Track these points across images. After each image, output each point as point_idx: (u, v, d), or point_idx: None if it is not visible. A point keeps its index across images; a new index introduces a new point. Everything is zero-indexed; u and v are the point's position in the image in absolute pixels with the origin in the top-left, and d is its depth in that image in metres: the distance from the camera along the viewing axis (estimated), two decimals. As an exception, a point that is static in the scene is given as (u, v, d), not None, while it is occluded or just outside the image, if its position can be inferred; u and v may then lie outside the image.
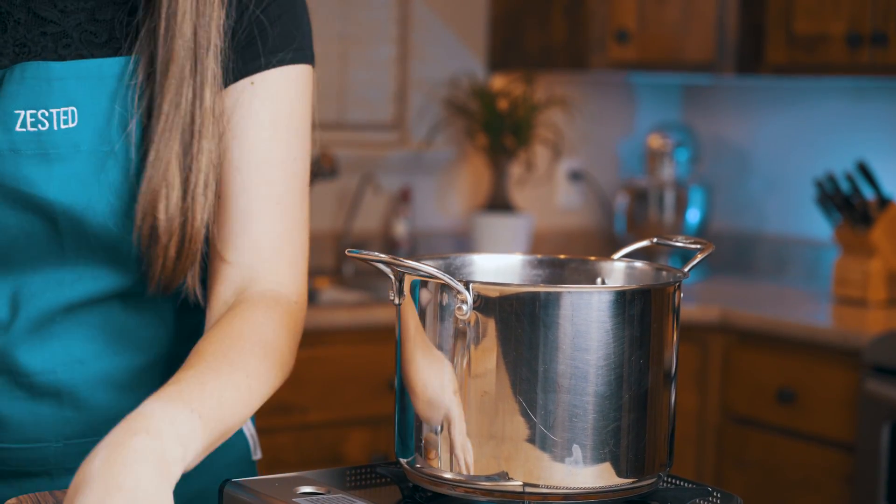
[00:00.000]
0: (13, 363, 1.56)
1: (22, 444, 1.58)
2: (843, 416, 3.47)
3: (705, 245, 1.51)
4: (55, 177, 1.50)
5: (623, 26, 4.20)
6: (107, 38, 1.53)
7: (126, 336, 1.60)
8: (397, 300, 1.42)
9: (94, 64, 1.51)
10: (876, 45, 3.72)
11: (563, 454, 1.35)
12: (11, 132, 1.48)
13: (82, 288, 1.55)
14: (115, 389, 1.60)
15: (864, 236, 3.92)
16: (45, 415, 1.58)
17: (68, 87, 1.50)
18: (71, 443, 1.60)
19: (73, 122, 1.49)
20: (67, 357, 1.57)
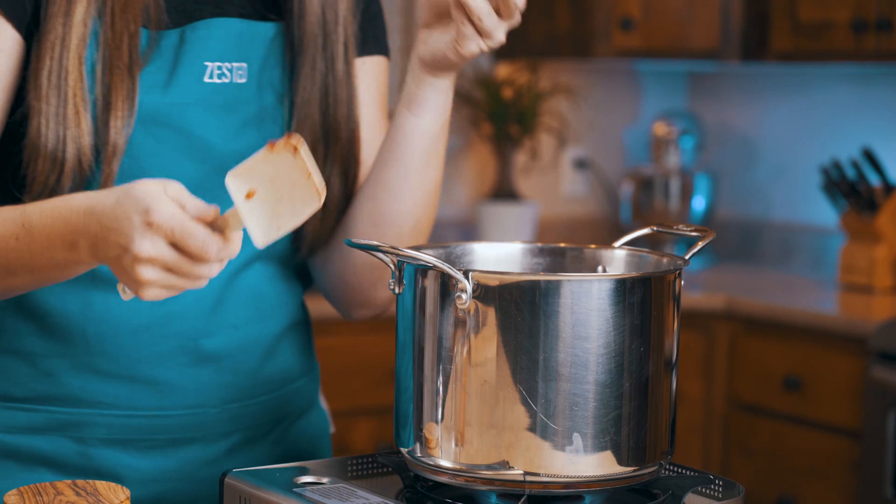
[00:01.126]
0: (179, 328, 1.61)
1: (184, 410, 1.63)
2: (850, 403, 3.46)
3: (706, 232, 1.51)
4: (231, 127, 1.59)
5: (628, 14, 4.19)
6: (251, 9, 1.64)
7: (268, 302, 1.68)
8: (398, 289, 1.42)
9: (261, 27, 1.62)
10: (881, 31, 3.71)
11: (564, 443, 1.35)
12: (201, 83, 1.58)
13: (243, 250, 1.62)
14: (261, 355, 1.68)
15: (870, 223, 3.91)
16: (206, 380, 1.64)
17: (243, 45, 1.60)
18: (227, 407, 1.66)
19: (244, 78, 1.61)
20: (226, 322, 1.64)
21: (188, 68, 1.57)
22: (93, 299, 1.59)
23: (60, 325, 1.59)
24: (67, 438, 1.61)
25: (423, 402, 1.39)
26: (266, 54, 1.63)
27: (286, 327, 1.72)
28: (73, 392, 1.60)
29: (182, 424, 1.64)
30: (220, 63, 1.59)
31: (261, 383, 1.68)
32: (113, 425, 1.61)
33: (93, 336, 1.59)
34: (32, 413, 1.61)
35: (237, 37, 1.60)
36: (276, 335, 1.70)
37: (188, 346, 1.62)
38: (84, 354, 1.60)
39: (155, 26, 1.57)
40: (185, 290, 1.35)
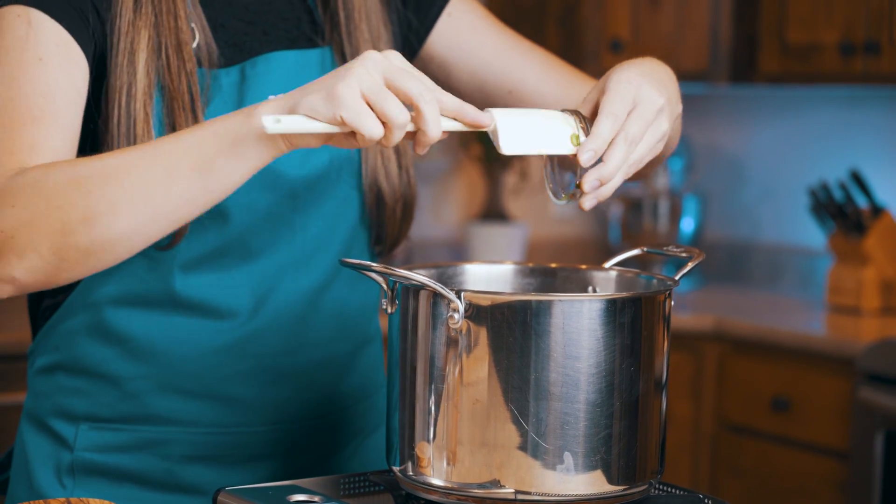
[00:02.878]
0: (260, 348, 1.64)
1: (265, 426, 1.66)
2: (837, 424, 3.47)
3: (695, 253, 1.52)
4: (299, 154, 1.61)
5: (617, 36, 4.21)
6: (297, 32, 1.67)
7: (349, 319, 1.71)
8: (390, 309, 1.43)
9: (310, 54, 1.65)
10: (869, 53, 3.73)
11: (555, 461, 1.35)
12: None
13: (313, 269, 1.65)
14: (340, 371, 1.71)
15: (858, 245, 3.93)
16: (286, 397, 1.66)
17: (300, 74, 1.63)
18: (305, 423, 1.69)
19: None
20: (306, 341, 1.66)
21: (253, 102, 1.58)
22: (177, 322, 1.62)
23: (144, 348, 1.62)
24: (153, 456, 1.65)
25: (415, 420, 1.40)
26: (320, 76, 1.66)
27: (362, 343, 1.75)
28: (157, 412, 1.64)
29: (262, 440, 1.67)
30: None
31: (337, 399, 1.72)
32: (196, 442, 1.65)
33: (176, 357, 1.62)
34: (119, 433, 1.64)
35: (294, 67, 1.63)
36: (352, 352, 1.73)
37: (268, 365, 1.65)
38: (168, 375, 1.63)
39: (209, 65, 1.60)
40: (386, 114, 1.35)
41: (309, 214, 1.64)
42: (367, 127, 1.34)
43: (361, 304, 1.74)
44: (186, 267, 1.60)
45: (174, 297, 1.61)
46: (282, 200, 1.63)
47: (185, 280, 1.60)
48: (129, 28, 1.55)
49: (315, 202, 1.65)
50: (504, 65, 1.79)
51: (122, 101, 1.54)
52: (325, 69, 1.66)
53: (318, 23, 1.69)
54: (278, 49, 1.65)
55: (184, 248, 1.59)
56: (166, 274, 1.60)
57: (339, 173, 1.66)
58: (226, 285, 1.62)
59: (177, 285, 1.60)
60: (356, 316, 1.73)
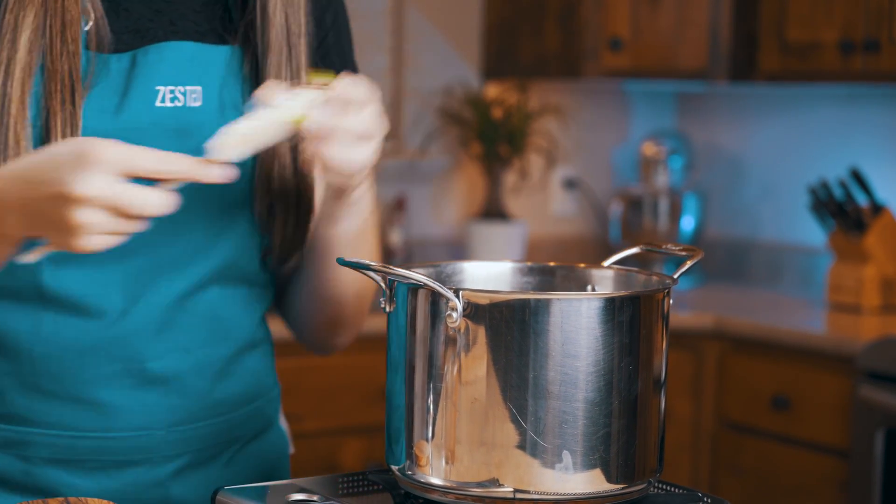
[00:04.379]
0: (127, 350, 1.60)
1: (129, 432, 1.61)
2: (838, 422, 3.47)
3: (694, 251, 1.52)
4: (188, 151, 1.55)
5: (616, 34, 4.21)
6: (207, 27, 1.63)
7: (224, 324, 1.66)
8: (388, 308, 1.43)
9: (214, 49, 1.61)
10: (868, 52, 3.73)
11: (554, 460, 1.35)
12: (152, 108, 1.57)
13: (192, 271, 1.61)
14: (213, 377, 1.66)
15: (858, 243, 3.93)
16: (153, 402, 1.62)
17: (197, 68, 1.59)
18: (174, 430, 1.64)
19: (199, 101, 1.59)
20: (175, 345, 1.62)
21: (139, 92, 1.56)
22: (42, 319, 1.58)
23: (9, 344, 1.59)
24: (11, 456, 1.61)
25: (414, 419, 1.40)
26: (225, 76, 1.62)
27: (242, 349, 1.69)
28: (18, 411, 1.59)
29: (127, 447, 1.62)
30: (173, 87, 1.58)
31: (212, 406, 1.66)
32: (57, 445, 1.60)
33: (39, 356, 1.58)
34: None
35: (190, 60, 1.59)
36: (229, 357, 1.67)
37: (134, 369, 1.60)
38: (30, 374, 1.59)
39: (100, 49, 1.56)
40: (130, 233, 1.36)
41: (193, 218, 1.59)
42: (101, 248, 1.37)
43: (241, 308, 1.68)
44: (57, 260, 1.55)
45: (42, 291, 1.56)
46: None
47: (54, 274, 1.56)
48: (16, 4, 1.52)
49: (201, 206, 1.60)
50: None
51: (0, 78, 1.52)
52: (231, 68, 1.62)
53: (233, 20, 1.65)
54: (179, 39, 1.60)
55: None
56: (35, 267, 1.55)
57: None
58: (96, 283, 1.57)
59: (45, 279, 1.56)
60: (233, 320, 1.67)
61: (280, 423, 1.81)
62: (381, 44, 4.37)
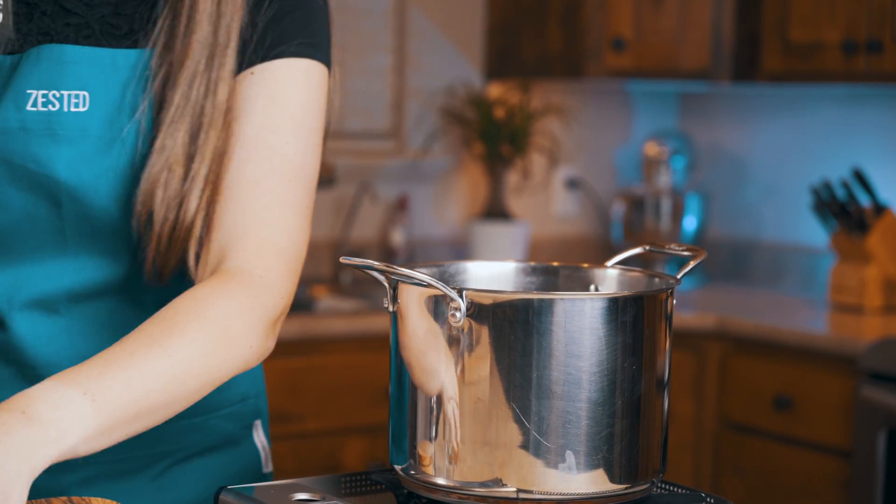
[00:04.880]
0: (20, 355, 1.58)
1: None
2: (840, 422, 3.47)
3: (697, 252, 1.52)
4: (62, 157, 1.53)
5: (619, 34, 4.21)
6: (127, 30, 1.58)
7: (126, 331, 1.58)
8: (391, 308, 1.43)
9: (108, 53, 1.55)
10: (871, 52, 3.73)
11: (557, 460, 1.35)
12: (22, 111, 1.53)
13: (83, 278, 1.57)
14: None
15: (861, 243, 3.93)
16: None
17: (81, 72, 1.54)
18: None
19: (84, 106, 1.53)
20: (73, 351, 1.58)
21: (12, 95, 1.53)
22: None
23: None
24: None
25: (417, 419, 1.40)
26: (127, 80, 1.56)
27: None
28: None
29: None
30: (48, 91, 1.53)
31: None
32: None
33: None
34: None
35: (73, 63, 1.54)
36: None
37: (29, 374, 1.58)
38: None
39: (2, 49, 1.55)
40: None
41: (80, 225, 1.55)
42: None
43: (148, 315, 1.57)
44: None
45: None
46: (41, 203, 1.54)
47: None
48: None
49: (86, 213, 1.55)
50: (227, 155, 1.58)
51: None
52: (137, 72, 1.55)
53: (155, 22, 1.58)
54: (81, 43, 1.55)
55: None
56: None
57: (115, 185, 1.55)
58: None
59: None
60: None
61: (255, 440, 1.74)
62: (384, 43, 4.37)
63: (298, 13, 1.62)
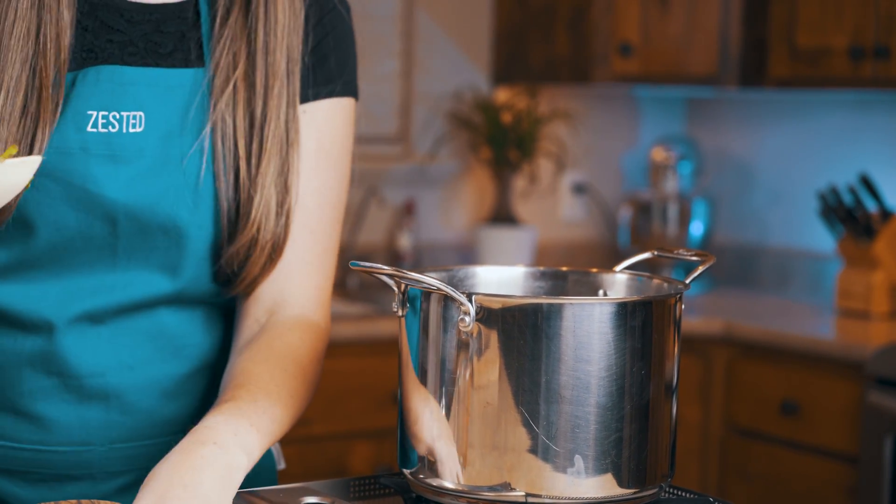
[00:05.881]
0: (64, 365, 1.59)
1: (68, 447, 1.60)
2: (847, 428, 3.47)
3: (706, 257, 1.52)
4: (121, 177, 1.54)
5: (626, 40, 4.21)
6: (171, 48, 1.59)
7: (174, 343, 1.63)
8: (401, 312, 1.43)
9: (163, 73, 1.57)
10: (878, 58, 3.73)
11: (566, 464, 1.36)
12: (83, 132, 1.53)
13: (133, 293, 1.59)
14: (161, 395, 1.64)
15: (867, 249, 3.93)
16: (93, 418, 1.60)
17: (139, 93, 1.55)
18: (115, 447, 1.62)
19: (140, 126, 1.55)
20: (117, 362, 1.60)
21: (71, 116, 1.53)
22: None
23: None
24: None
25: (427, 423, 1.40)
26: (188, 99, 1.57)
27: (199, 368, 1.66)
28: None
29: (66, 461, 1.61)
30: (107, 112, 1.54)
31: (160, 424, 1.64)
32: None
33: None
34: None
35: (131, 84, 1.55)
36: (183, 376, 1.65)
37: (72, 385, 1.59)
38: None
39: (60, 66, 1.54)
40: None
41: (133, 242, 1.56)
42: None
43: (199, 328, 1.65)
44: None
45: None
46: (96, 223, 1.55)
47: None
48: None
49: (141, 231, 1.56)
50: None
51: None
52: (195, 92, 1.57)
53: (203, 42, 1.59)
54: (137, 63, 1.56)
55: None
56: None
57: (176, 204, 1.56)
58: (31, 298, 1.56)
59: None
60: (188, 339, 1.64)
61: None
62: (391, 48, 4.38)
63: (340, 48, 1.67)
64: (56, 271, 1.56)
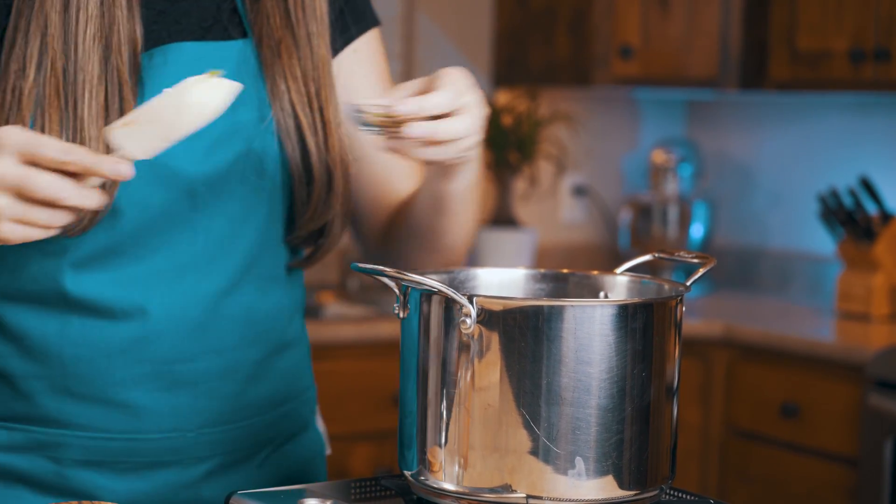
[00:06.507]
0: (156, 352, 1.60)
1: (159, 434, 1.62)
2: (847, 430, 3.47)
3: (707, 259, 1.53)
4: (197, 150, 1.57)
5: (627, 42, 4.21)
6: (212, 22, 1.63)
7: (254, 328, 1.66)
8: (401, 314, 1.43)
9: (216, 46, 1.61)
10: (879, 60, 3.73)
11: (567, 466, 1.36)
12: None
13: (214, 271, 1.61)
14: (244, 379, 1.66)
15: (867, 251, 3.93)
16: (183, 404, 1.62)
17: (202, 67, 1.56)
18: (204, 431, 1.64)
19: None
20: (207, 348, 1.62)
21: (148, 96, 1.55)
22: (70, 322, 1.58)
23: (38, 347, 1.59)
24: (44, 458, 1.61)
25: (427, 425, 1.40)
26: (235, 72, 1.61)
27: (274, 351, 1.70)
28: (49, 413, 1.60)
29: (157, 448, 1.62)
30: None
31: (243, 408, 1.67)
32: (88, 447, 1.61)
33: (69, 358, 1.59)
34: (12, 432, 1.62)
35: (196, 60, 1.59)
36: (262, 360, 1.68)
37: (164, 371, 1.61)
38: (60, 377, 1.59)
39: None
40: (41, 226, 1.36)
41: (211, 214, 1.60)
42: (44, 235, 1.36)
43: (274, 308, 1.69)
44: (77, 265, 1.57)
45: (66, 296, 1.57)
46: (178, 198, 1.58)
47: (77, 278, 1.57)
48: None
49: (217, 202, 1.60)
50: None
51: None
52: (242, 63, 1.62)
53: (241, 13, 1.64)
54: (184, 40, 1.60)
55: (74, 246, 1.56)
56: (56, 272, 1.57)
57: (246, 172, 1.61)
58: (119, 285, 1.58)
59: (68, 284, 1.57)
60: (267, 321, 1.68)
61: (317, 424, 1.82)
62: (392, 50, 4.38)
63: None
64: (140, 254, 1.58)
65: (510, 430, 1.35)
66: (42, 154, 1.35)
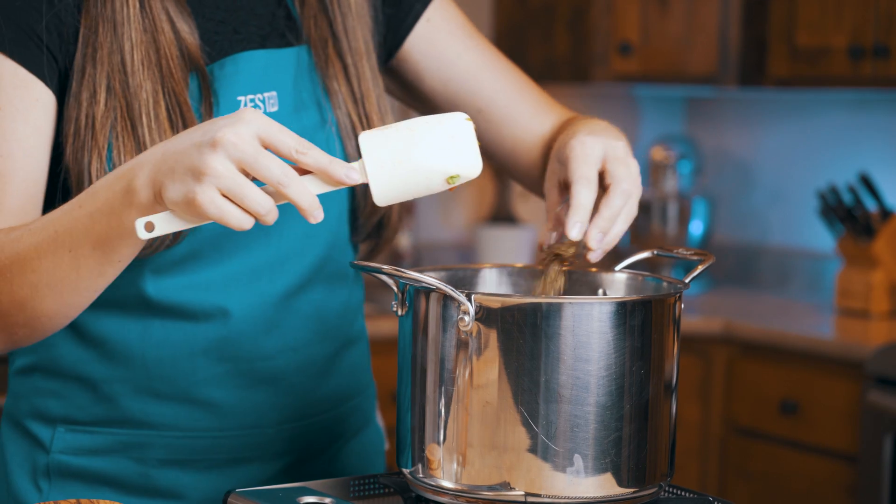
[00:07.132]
0: (237, 351, 1.63)
1: (240, 430, 1.65)
2: (846, 427, 3.47)
3: (706, 256, 1.53)
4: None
5: (626, 39, 4.21)
6: (269, 30, 1.64)
7: (328, 323, 1.70)
8: (400, 311, 1.43)
9: (276, 53, 1.63)
10: (878, 57, 3.73)
11: (565, 464, 1.36)
12: None
13: (289, 270, 1.64)
14: (317, 375, 1.70)
15: (867, 248, 3.93)
16: (262, 401, 1.65)
17: (270, 74, 1.62)
18: (283, 427, 1.68)
19: (275, 106, 1.62)
20: (283, 344, 1.65)
21: (224, 105, 1.58)
22: (152, 325, 1.61)
23: (120, 350, 1.62)
24: (129, 459, 1.64)
25: (426, 423, 1.40)
26: (295, 76, 1.64)
27: (341, 347, 1.74)
28: (133, 415, 1.63)
29: (238, 445, 1.66)
30: (253, 95, 1.60)
31: (316, 403, 1.71)
32: (172, 446, 1.64)
33: (152, 360, 1.62)
34: (95, 436, 1.64)
35: (264, 67, 1.61)
36: (331, 355, 1.72)
37: (244, 369, 1.64)
38: (143, 378, 1.62)
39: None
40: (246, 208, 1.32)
41: (285, 217, 1.59)
42: (234, 221, 1.32)
43: (342, 306, 1.73)
44: (158, 270, 1.59)
45: (147, 300, 1.60)
46: None
47: (157, 283, 1.59)
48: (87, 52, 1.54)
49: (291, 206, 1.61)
50: (477, 82, 1.77)
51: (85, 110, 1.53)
52: (300, 68, 1.65)
53: (295, 19, 1.67)
54: (248, 48, 1.62)
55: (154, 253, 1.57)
56: (137, 278, 1.59)
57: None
58: (199, 288, 1.60)
59: (148, 289, 1.59)
60: (336, 318, 1.72)
61: (377, 419, 1.86)
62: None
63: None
64: (217, 258, 1.60)
65: (508, 428, 1.35)
66: (282, 140, 1.32)
